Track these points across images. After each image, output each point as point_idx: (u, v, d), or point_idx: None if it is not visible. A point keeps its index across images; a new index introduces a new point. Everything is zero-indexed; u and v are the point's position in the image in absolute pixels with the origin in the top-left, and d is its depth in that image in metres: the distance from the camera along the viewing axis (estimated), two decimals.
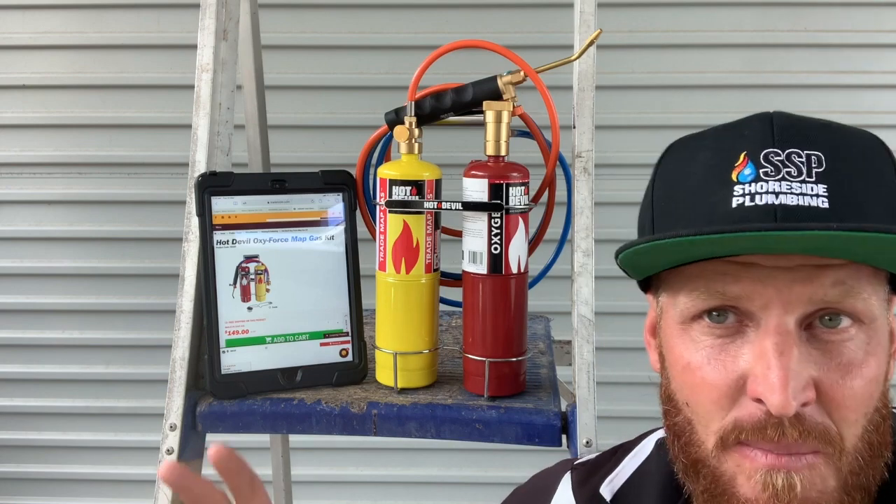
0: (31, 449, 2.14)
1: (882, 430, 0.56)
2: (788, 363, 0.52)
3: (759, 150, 0.55)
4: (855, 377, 0.54)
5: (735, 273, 0.55)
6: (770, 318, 0.54)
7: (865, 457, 0.55)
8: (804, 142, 0.55)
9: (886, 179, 0.56)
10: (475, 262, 0.93)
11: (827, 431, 0.53)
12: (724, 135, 0.59)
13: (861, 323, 0.54)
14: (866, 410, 0.55)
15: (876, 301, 0.55)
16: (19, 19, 1.99)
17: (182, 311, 0.98)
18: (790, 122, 0.58)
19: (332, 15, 1.97)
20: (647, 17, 1.95)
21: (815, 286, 0.53)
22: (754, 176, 0.55)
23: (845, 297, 0.53)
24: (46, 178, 2.05)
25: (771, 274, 0.54)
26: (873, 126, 2.00)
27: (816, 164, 0.54)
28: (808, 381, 0.53)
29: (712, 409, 0.56)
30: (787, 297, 0.53)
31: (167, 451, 0.94)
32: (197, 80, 1.03)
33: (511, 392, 0.95)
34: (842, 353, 0.54)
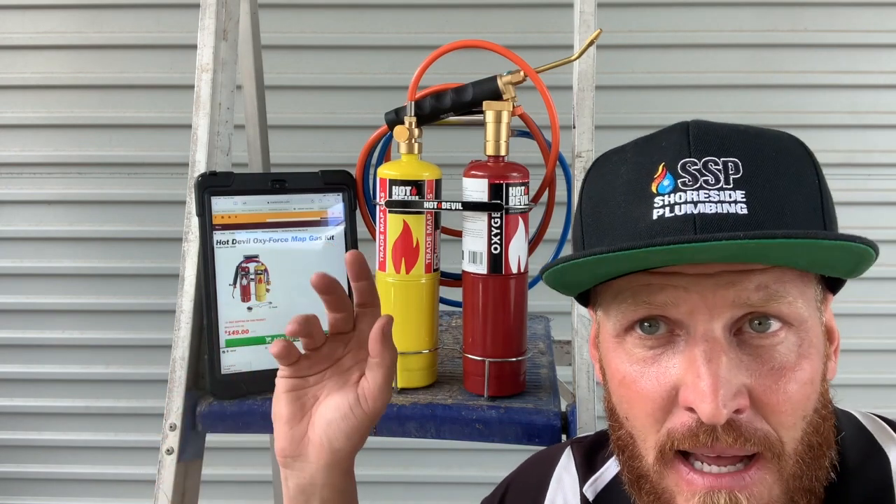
0: (31, 449, 2.14)
1: (822, 431, 0.56)
2: (717, 370, 0.52)
3: (677, 160, 0.55)
4: (788, 381, 0.53)
5: (660, 282, 0.55)
6: (697, 325, 0.54)
7: (807, 459, 0.55)
8: (720, 149, 0.55)
9: (806, 179, 0.56)
10: (475, 262, 0.93)
11: (766, 437, 0.53)
12: (643, 148, 0.59)
13: (790, 325, 0.54)
14: (804, 413, 0.54)
15: (804, 303, 0.55)
16: (19, 19, 1.99)
17: (182, 311, 0.98)
18: (706, 131, 0.57)
19: (332, 15, 1.97)
20: (647, 17, 1.95)
21: (737, 290, 0.53)
22: (673, 187, 0.55)
23: (769, 300, 0.53)
24: (46, 178, 2.05)
25: (694, 281, 0.54)
26: (873, 126, 2.00)
27: (734, 171, 0.54)
28: (738, 387, 0.52)
29: (648, 423, 0.56)
30: (711, 302, 0.53)
31: (167, 450, 0.94)
32: (197, 80, 1.03)
33: (511, 392, 0.95)
34: (773, 358, 0.54)
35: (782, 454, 0.54)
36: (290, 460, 0.66)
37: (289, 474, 0.67)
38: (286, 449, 0.66)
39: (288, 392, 0.67)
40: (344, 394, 0.66)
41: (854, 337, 2.04)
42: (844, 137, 1.98)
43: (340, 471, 0.67)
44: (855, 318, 2.04)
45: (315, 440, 0.66)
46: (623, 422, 0.59)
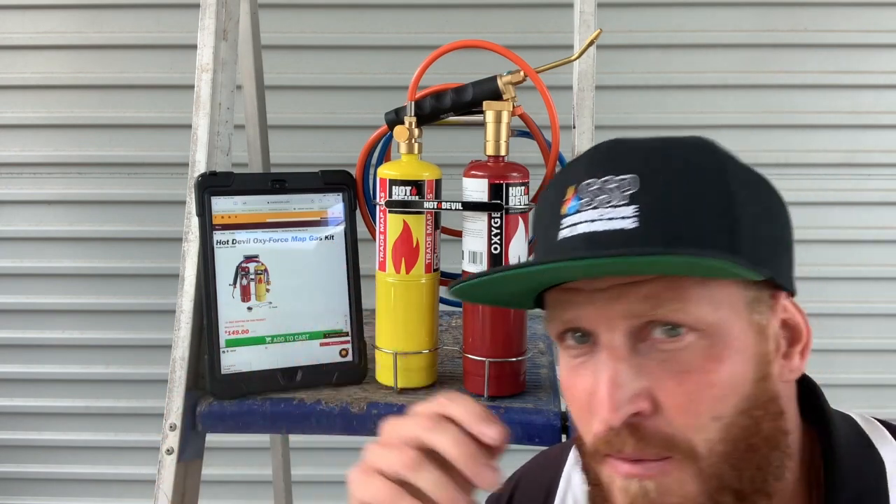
0: (31, 449, 2.14)
1: (758, 430, 0.56)
2: (613, 377, 0.55)
3: (580, 181, 0.59)
4: (694, 383, 0.55)
5: (567, 300, 0.58)
6: (600, 336, 0.57)
7: (732, 460, 0.55)
8: (619, 167, 0.57)
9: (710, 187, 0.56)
10: (475, 262, 0.93)
11: (671, 438, 0.55)
12: (563, 172, 0.63)
13: (698, 330, 0.55)
14: (716, 415, 0.55)
15: (707, 307, 0.55)
16: (19, 19, 1.99)
17: (182, 311, 0.98)
18: (610, 150, 0.60)
19: (332, 15, 1.97)
20: (647, 17, 1.95)
21: (625, 302, 0.55)
22: (577, 208, 0.58)
23: (656, 309, 0.55)
24: (46, 178, 2.05)
25: (591, 296, 0.57)
26: (873, 126, 2.00)
27: (629, 187, 0.56)
28: (635, 392, 0.55)
29: (582, 425, 0.60)
30: (606, 315, 0.56)
31: (167, 450, 0.94)
32: (197, 80, 1.03)
33: (511, 392, 0.95)
34: (677, 362, 0.55)
35: (694, 456, 0.55)
36: None
37: None
38: None
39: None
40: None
41: (854, 337, 2.04)
42: (844, 137, 1.98)
43: None
44: (855, 318, 2.04)
45: None
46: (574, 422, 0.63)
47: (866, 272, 2.02)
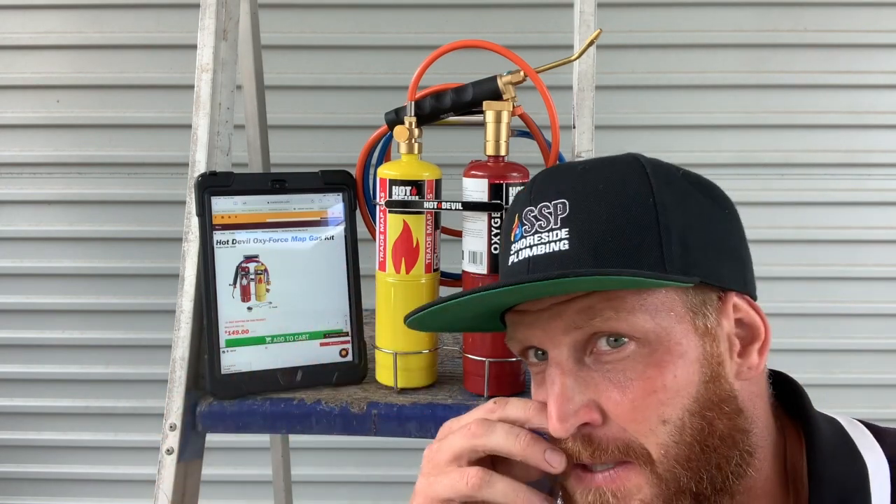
0: (31, 449, 2.14)
1: (712, 431, 0.57)
2: (559, 391, 0.58)
3: (522, 210, 0.63)
4: (635, 390, 0.57)
5: (517, 321, 0.62)
6: (549, 353, 0.60)
7: (690, 461, 0.57)
8: (553, 193, 0.61)
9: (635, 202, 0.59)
10: (475, 262, 0.93)
11: (627, 445, 0.57)
12: (515, 199, 0.67)
13: (637, 339, 0.57)
14: (663, 418, 0.57)
15: (645, 315, 0.57)
16: (19, 19, 1.99)
17: (182, 311, 0.98)
18: (546, 177, 0.64)
19: (332, 15, 1.97)
20: (647, 17, 1.95)
21: (563, 318, 0.58)
22: (521, 234, 0.62)
23: (590, 320, 0.57)
24: (46, 178, 2.05)
25: (535, 316, 0.60)
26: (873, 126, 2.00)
27: (561, 211, 0.60)
28: (582, 404, 0.57)
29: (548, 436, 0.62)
30: (549, 333, 0.59)
31: (167, 450, 0.94)
32: (197, 80, 1.03)
33: (511, 392, 0.95)
34: (621, 371, 0.58)
35: (650, 459, 0.57)
36: None
37: None
38: None
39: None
40: None
41: (854, 337, 2.04)
42: (844, 137, 1.98)
43: None
44: (855, 318, 2.04)
45: None
46: None
47: (866, 272, 2.02)
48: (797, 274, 2.00)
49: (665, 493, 0.57)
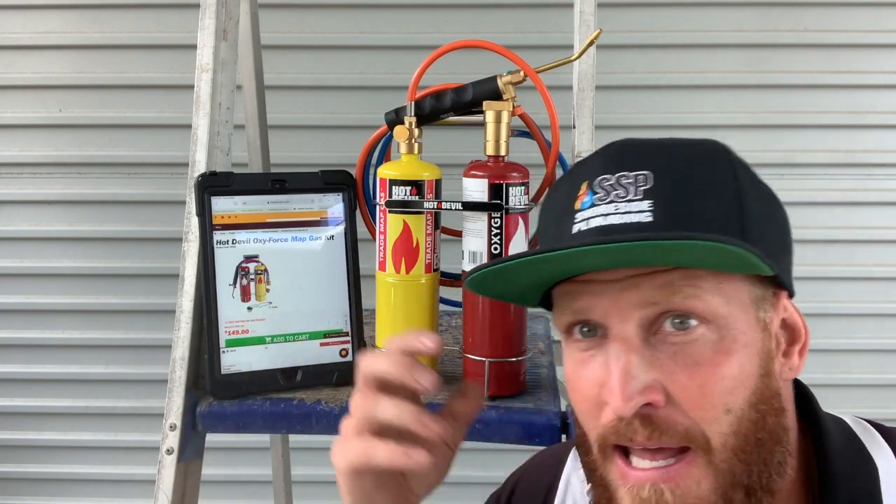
0: (31, 449, 2.14)
1: (765, 425, 0.57)
2: (625, 367, 0.55)
3: (595, 178, 0.59)
4: (705, 375, 0.55)
5: (578, 290, 0.59)
6: (612, 327, 0.57)
7: (744, 454, 0.56)
8: (634, 164, 0.58)
9: (721, 187, 0.58)
10: (475, 262, 0.93)
11: (688, 430, 0.55)
12: (575, 169, 0.64)
13: (708, 322, 0.56)
14: (727, 407, 0.55)
15: (720, 299, 0.56)
16: (19, 19, 1.99)
17: (182, 311, 0.98)
18: (624, 147, 0.61)
19: (332, 15, 1.97)
20: (647, 17, 1.95)
21: (641, 291, 0.56)
22: (591, 203, 0.59)
23: (672, 296, 0.55)
24: (46, 178, 2.05)
25: (605, 287, 0.57)
26: (873, 126, 1.99)
27: (643, 183, 0.57)
28: (648, 383, 0.55)
29: (588, 419, 0.60)
30: (619, 305, 0.56)
31: (167, 450, 0.94)
32: (197, 80, 1.03)
33: (511, 392, 0.95)
34: (689, 354, 0.56)
35: (709, 448, 0.55)
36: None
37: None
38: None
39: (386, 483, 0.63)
40: None
41: (854, 337, 2.04)
42: (844, 137, 1.98)
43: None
44: (855, 318, 2.04)
45: None
46: (577, 418, 0.62)
47: (866, 272, 2.02)
48: (797, 274, 1.98)
49: (721, 487, 0.55)
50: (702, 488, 0.55)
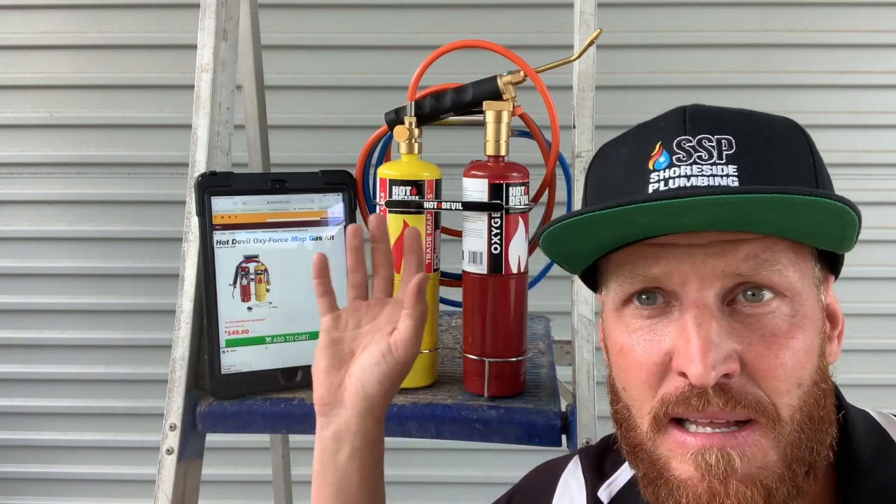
0: (31, 449, 2.14)
1: (823, 405, 0.57)
2: (707, 335, 0.53)
3: (673, 138, 0.58)
4: (780, 347, 0.55)
5: (655, 255, 0.56)
6: (689, 293, 0.55)
7: (807, 430, 0.55)
8: (715, 127, 0.57)
9: (801, 159, 0.58)
10: (475, 262, 0.93)
11: (759, 401, 0.54)
12: (642, 130, 0.62)
13: (783, 296, 0.55)
14: (799, 381, 0.55)
15: (796, 274, 0.56)
16: (19, 19, 1.99)
17: (182, 311, 0.98)
18: (702, 111, 0.60)
19: (332, 15, 1.97)
20: (647, 17, 1.95)
21: (727, 260, 0.54)
22: (668, 163, 0.57)
23: (758, 269, 0.55)
24: (46, 178, 2.05)
25: (687, 251, 0.55)
26: (873, 126, 1.99)
27: (727, 147, 0.56)
28: (728, 352, 0.53)
29: (643, 390, 0.57)
30: (702, 272, 0.55)
31: (167, 450, 0.94)
32: (197, 80, 1.03)
33: (511, 392, 0.95)
34: (765, 326, 0.55)
35: (778, 420, 0.54)
36: (328, 408, 0.74)
37: (325, 423, 0.74)
38: (324, 396, 0.74)
39: (329, 346, 0.76)
40: (377, 344, 0.75)
41: (854, 337, 2.04)
42: (844, 137, 1.98)
43: (373, 418, 0.74)
44: (855, 318, 2.04)
45: (350, 387, 0.74)
46: (620, 393, 0.60)
47: (866, 272, 2.02)
48: None
49: (786, 460, 0.54)
50: (769, 458, 0.54)
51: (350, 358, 0.75)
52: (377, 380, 0.73)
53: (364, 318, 0.78)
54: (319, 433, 0.75)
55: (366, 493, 0.74)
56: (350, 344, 0.76)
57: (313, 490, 0.75)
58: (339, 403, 0.74)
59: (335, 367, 0.75)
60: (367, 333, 0.77)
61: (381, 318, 0.77)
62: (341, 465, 0.73)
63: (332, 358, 0.75)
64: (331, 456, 0.74)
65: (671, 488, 0.55)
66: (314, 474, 0.75)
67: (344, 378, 0.75)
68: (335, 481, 0.73)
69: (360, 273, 0.80)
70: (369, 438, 0.74)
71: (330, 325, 0.77)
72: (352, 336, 0.77)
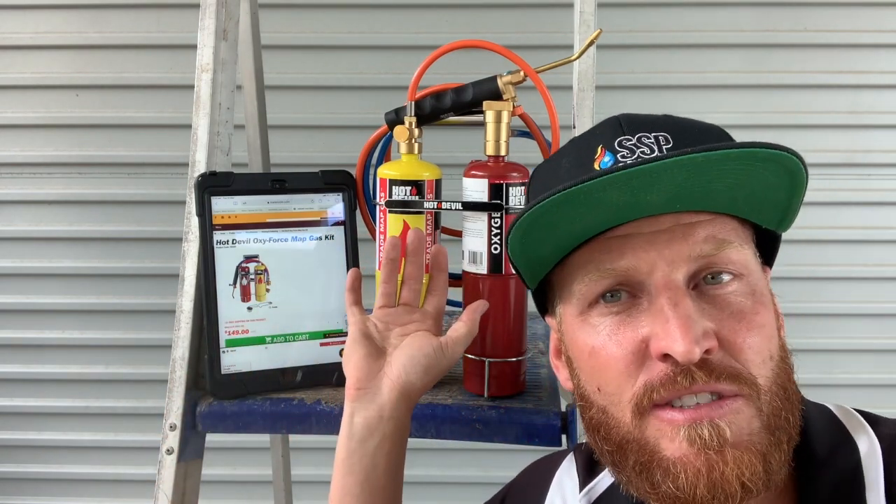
0: (31, 449, 2.14)
1: (791, 379, 0.58)
2: (685, 312, 0.55)
3: (613, 140, 0.60)
4: (749, 323, 0.56)
5: (619, 247, 0.58)
6: (658, 279, 0.57)
7: (782, 399, 0.57)
8: (651, 127, 0.60)
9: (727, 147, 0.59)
10: (475, 262, 0.93)
11: (739, 373, 0.55)
12: (578, 141, 0.64)
13: (740, 276, 0.57)
14: (770, 353, 0.57)
15: (749, 251, 0.59)
16: (19, 19, 1.99)
17: (182, 311, 0.98)
18: (635, 117, 0.62)
19: (332, 15, 1.97)
20: (647, 17, 1.95)
21: (690, 243, 0.57)
22: (613, 161, 0.59)
23: (719, 248, 0.57)
24: (46, 178, 2.05)
25: (649, 238, 0.57)
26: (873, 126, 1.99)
27: (665, 142, 0.59)
28: (706, 328, 0.55)
29: (622, 382, 0.57)
30: (668, 256, 0.56)
31: (167, 450, 0.94)
32: (197, 80, 1.03)
33: (511, 392, 0.95)
34: (731, 304, 0.57)
35: (758, 390, 0.55)
36: (363, 392, 0.78)
37: (357, 408, 0.78)
38: (362, 380, 0.78)
39: (363, 338, 0.81)
40: (429, 339, 0.81)
41: (854, 337, 2.04)
42: (844, 137, 1.98)
43: (407, 406, 0.79)
44: (855, 318, 2.04)
45: (391, 373, 0.79)
46: (594, 397, 0.60)
47: (866, 272, 2.02)
48: (797, 274, 2.00)
49: (769, 428, 0.55)
50: (754, 426, 0.55)
51: (383, 352, 0.81)
52: (423, 369, 0.79)
53: (392, 323, 0.85)
54: (348, 420, 0.78)
55: (391, 480, 0.78)
56: (382, 341, 0.82)
57: (335, 480, 0.78)
58: (377, 388, 0.78)
59: (373, 356, 0.80)
60: (397, 336, 0.83)
61: (411, 326, 0.85)
62: (370, 452, 0.77)
63: (369, 348, 0.81)
64: (359, 444, 0.77)
65: (666, 469, 0.55)
66: (337, 463, 0.78)
67: (383, 366, 0.80)
68: (362, 468, 0.77)
69: (391, 284, 0.87)
70: (400, 426, 0.78)
71: (360, 322, 0.83)
72: (382, 336, 0.83)
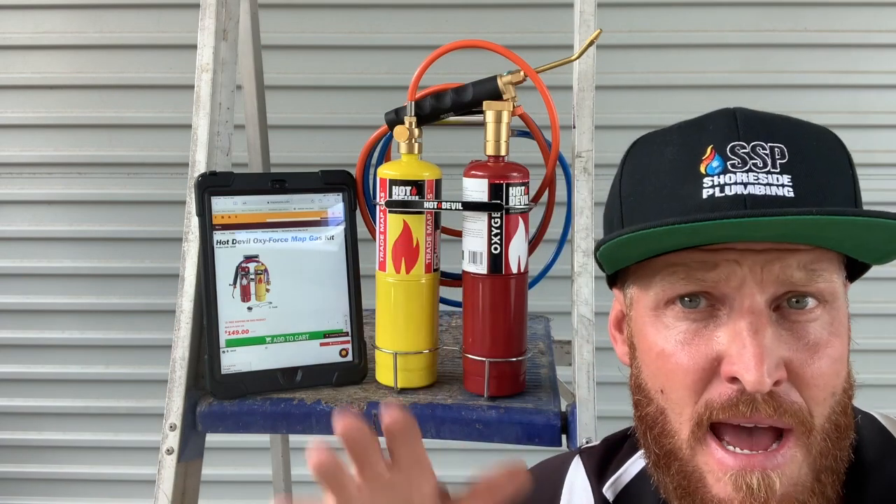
0: (31, 449, 2.14)
1: (847, 411, 0.58)
2: (763, 341, 0.54)
3: (725, 143, 0.58)
4: (822, 357, 0.55)
5: (712, 259, 0.56)
6: (744, 298, 0.55)
7: (832, 438, 0.56)
8: (767, 135, 0.58)
9: (843, 170, 0.59)
10: (475, 262, 0.93)
11: (800, 410, 0.55)
12: (688, 130, 0.61)
13: (825, 303, 0.56)
14: (833, 390, 0.56)
15: (838, 282, 0.57)
16: (19, 19, 1.99)
17: (182, 311, 0.98)
18: (752, 116, 0.60)
19: (332, 15, 1.97)
20: (647, 17, 1.95)
21: (783, 267, 0.55)
22: (722, 168, 0.57)
23: (811, 279, 0.55)
24: (46, 178, 2.05)
25: (743, 256, 0.55)
26: (873, 126, 1.99)
27: (780, 156, 0.57)
28: (780, 359, 0.54)
29: (686, 395, 0.57)
30: (759, 277, 0.55)
31: (167, 450, 0.94)
32: (197, 80, 1.03)
33: (511, 392, 0.95)
34: (808, 334, 0.56)
35: (812, 429, 0.55)
36: None
37: None
38: None
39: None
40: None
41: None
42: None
43: None
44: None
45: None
46: (655, 396, 0.60)
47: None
48: None
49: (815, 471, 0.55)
50: (802, 472, 0.55)
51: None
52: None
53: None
54: None
55: None
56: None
57: None
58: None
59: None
60: None
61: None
62: None
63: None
64: None
65: (706, 501, 0.56)
66: None
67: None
68: None
69: None
70: None
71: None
72: None
